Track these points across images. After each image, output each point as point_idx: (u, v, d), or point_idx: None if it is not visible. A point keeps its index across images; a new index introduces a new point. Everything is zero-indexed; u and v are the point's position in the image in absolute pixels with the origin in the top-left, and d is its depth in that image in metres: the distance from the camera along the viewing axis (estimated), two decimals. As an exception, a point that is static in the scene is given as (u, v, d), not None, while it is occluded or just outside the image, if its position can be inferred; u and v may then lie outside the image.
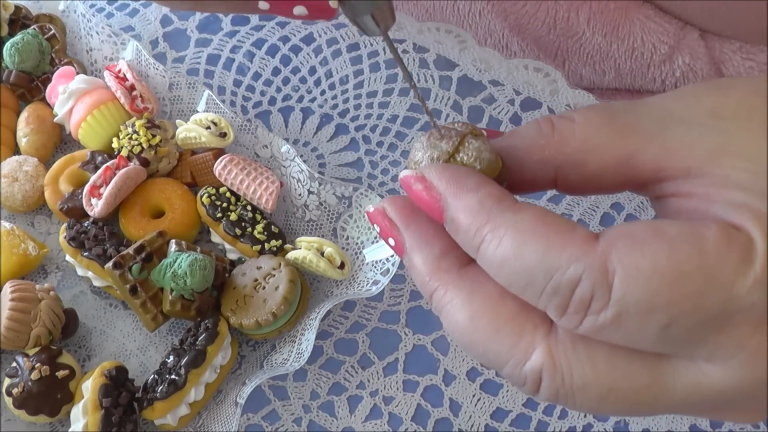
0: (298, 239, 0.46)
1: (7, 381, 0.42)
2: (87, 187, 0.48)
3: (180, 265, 0.43)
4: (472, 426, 0.42)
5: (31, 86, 0.53)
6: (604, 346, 0.26)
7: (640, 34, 0.50)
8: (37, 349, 0.43)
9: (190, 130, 0.49)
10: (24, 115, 0.52)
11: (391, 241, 0.28)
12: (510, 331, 0.26)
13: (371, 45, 0.55)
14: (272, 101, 0.54)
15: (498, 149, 0.28)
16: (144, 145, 0.49)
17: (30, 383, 0.41)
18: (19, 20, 0.56)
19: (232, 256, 0.48)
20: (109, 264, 0.44)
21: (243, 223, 0.47)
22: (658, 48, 0.50)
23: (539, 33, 0.52)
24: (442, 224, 0.27)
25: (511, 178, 0.28)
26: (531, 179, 0.28)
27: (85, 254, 0.45)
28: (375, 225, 0.28)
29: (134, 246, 0.44)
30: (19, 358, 0.43)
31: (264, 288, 0.44)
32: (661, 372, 0.26)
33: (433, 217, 0.27)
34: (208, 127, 0.48)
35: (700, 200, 0.26)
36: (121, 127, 0.50)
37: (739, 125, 0.26)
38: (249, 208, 0.48)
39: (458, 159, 0.27)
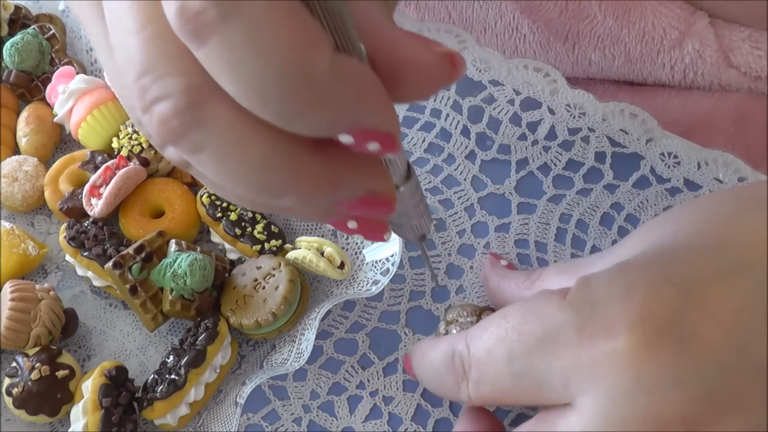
0: (298, 239, 0.46)
1: (6, 381, 0.42)
2: (87, 187, 0.48)
3: (180, 264, 0.43)
4: (472, 426, 0.42)
5: (30, 86, 0.53)
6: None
7: (651, 19, 0.50)
8: (36, 349, 0.43)
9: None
10: (24, 114, 0.52)
11: None
12: None
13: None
14: (272, 101, 0.54)
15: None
16: (144, 145, 0.49)
17: (30, 383, 0.41)
18: (19, 20, 0.56)
19: (232, 255, 0.48)
20: (109, 264, 0.44)
21: (243, 223, 0.47)
22: (669, 33, 0.50)
23: (550, 15, 0.52)
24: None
25: None
26: None
27: (84, 254, 0.45)
28: None
29: (134, 246, 0.44)
30: (19, 358, 0.43)
31: (264, 288, 0.44)
32: None
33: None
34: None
35: None
36: (121, 127, 0.50)
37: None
38: (249, 207, 0.48)
39: None
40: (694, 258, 0.32)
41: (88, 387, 0.42)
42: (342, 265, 0.44)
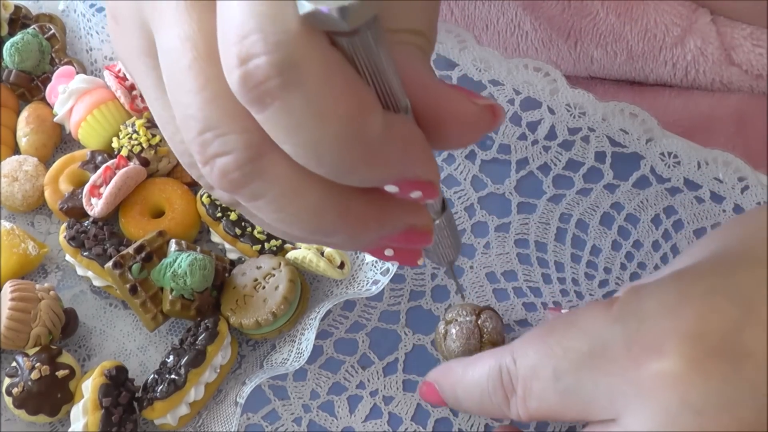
0: (298, 239, 0.46)
1: (7, 381, 0.42)
2: (87, 187, 0.48)
3: (180, 264, 0.43)
4: (471, 426, 0.42)
5: (31, 86, 0.53)
6: None
7: (653, 15, 0.50)
8: (37, 348, 0.43)
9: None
10: (24, 114, 0.52)
11: None
12: None
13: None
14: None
15: None
16: (144, 145, 0.49)
17: (30, 383, 0.41)
18: (19, 20, 0.56)
19: (232, 255, 0.48)
20: (109, 263, 0.44)
21: (243, 223, 0.47)
22: (671, 30, 0.50)
23: (553, 12, 0.52)
24: None
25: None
26: None
27: (85, 254, 0.45)
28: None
29: (134, 246, 0.44)
30: (19, 358, 0.43)
31: (264, 288, 0.44)
32: None
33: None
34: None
35: None
36: (121, 126, 0.50)
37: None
38: (249, 207, 0.48)
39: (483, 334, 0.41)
40: (758, 268, 0.29)
41: (88, 387, 0.42)
42: (342, 265, 0.44)
